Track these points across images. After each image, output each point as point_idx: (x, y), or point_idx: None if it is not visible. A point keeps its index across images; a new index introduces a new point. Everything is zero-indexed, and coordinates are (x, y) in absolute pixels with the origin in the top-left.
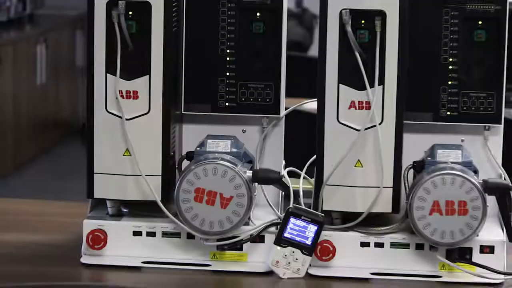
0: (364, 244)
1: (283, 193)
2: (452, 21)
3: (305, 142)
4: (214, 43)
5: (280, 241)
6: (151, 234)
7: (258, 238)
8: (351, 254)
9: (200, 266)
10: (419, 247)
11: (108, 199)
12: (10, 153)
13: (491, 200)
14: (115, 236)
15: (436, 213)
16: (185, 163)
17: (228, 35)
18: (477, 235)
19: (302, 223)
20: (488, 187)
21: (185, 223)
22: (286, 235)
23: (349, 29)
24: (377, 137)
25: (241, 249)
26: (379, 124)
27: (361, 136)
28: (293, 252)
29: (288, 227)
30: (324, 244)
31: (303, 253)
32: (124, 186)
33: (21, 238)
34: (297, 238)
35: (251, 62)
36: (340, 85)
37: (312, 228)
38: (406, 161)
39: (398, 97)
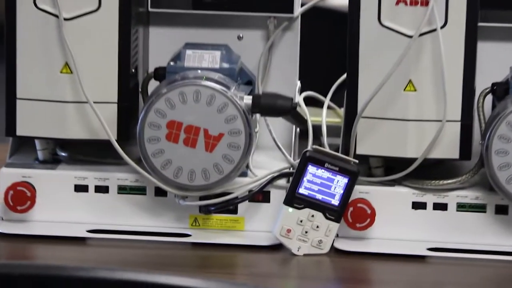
0: (418, 205)
1: (298, 129)
2: None
3: (331, 54)
4: None
5: (294, 200)
6: (101, 189)
7: (260, 195)
8: (398, 220)
9: (174, 237)
10: (501, 210)
11: (38, 138)
12: None
13: None
14: (47, 192)
15: None
16: (153, 84)
17: None
18: None
19: (326, 174)
20: None
21: (153, 173)
22: (302, 191)
23: None
24: (438, 46)
25: (235, 211)
26: (441, 27)
27: (415, 46)
28: (313, 216)
29: (305, 179)
30: (359, 205)
31: (327, 217)
32: (62, 119)
33: None
34: (319, 196)
35: None
36: None
37: (341, 181)
38: (482, 83)
39: None
